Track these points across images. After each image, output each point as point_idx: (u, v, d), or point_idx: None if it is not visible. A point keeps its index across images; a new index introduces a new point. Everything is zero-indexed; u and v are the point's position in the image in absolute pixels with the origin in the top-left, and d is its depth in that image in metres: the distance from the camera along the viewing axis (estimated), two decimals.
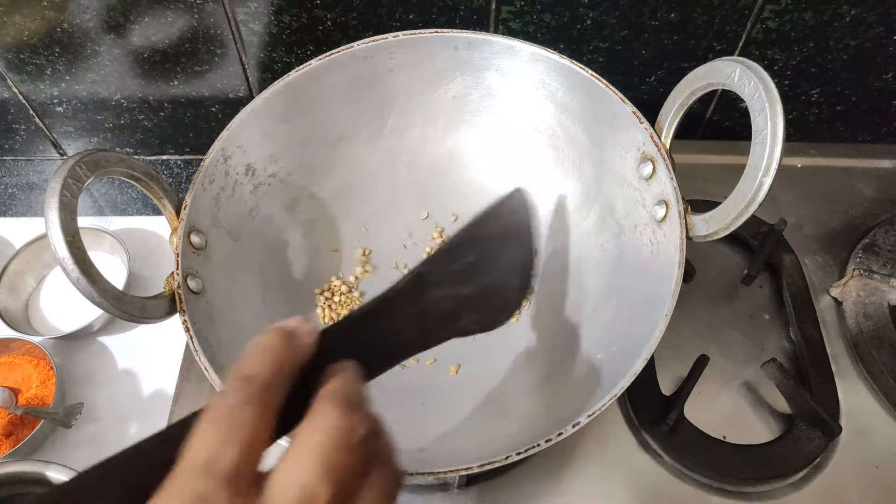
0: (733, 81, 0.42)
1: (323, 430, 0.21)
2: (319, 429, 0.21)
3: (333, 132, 0.55)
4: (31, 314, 0.61)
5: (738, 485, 0.49)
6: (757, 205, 0.40)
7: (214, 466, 0.20)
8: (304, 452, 0.21)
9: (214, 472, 0.20)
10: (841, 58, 0.60)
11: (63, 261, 0.37)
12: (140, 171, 0.43)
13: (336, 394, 0.22)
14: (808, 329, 0.55)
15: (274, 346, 0.23)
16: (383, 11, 0.56)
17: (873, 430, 0.51)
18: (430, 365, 0.52)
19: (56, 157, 0.72)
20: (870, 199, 0.64)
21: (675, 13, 0.56)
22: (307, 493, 0.20)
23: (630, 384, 0.39)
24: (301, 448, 0.21)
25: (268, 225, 0.53)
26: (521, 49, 0.51)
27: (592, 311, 0.50)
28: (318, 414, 0.22)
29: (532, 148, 0.56)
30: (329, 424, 0.21)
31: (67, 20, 0.56)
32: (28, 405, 0.53)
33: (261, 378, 0.22)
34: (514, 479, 0.50)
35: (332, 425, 0.21)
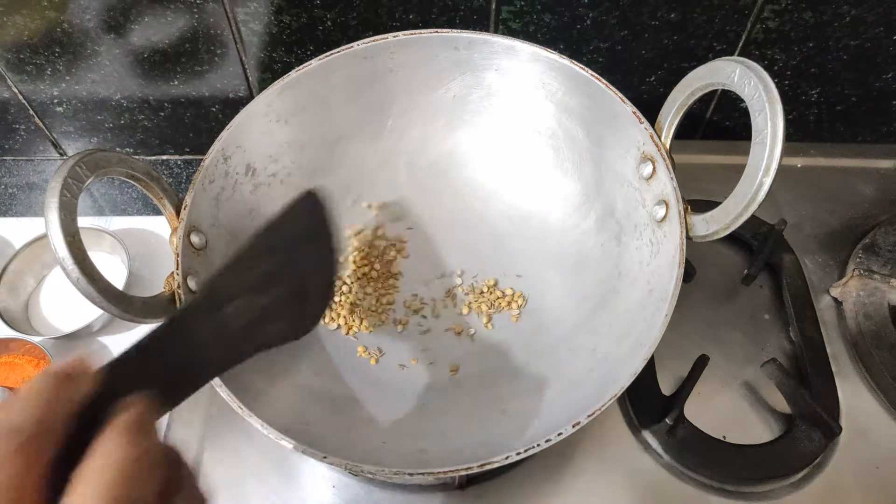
0: (733, 81, 0.42)
1: (105, 463, 0.20)
2: (102, 462, 0.20)
3: (333, 132, 0.55)
4: (31, 314, 0.60)
5: (738, 485, 0.49)
6: (757, 205, 0.40)
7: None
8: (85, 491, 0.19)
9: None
10: (841, 58, 0.60)
11: (63, 261, 0.37)
12: (140, 171, 0.43)
13: (120, 425, 0.21)
14: (808, 329, 0.55)
15: (43, 391, 0.21)
16: (383, 11, 0.56)
17: (873, 430, 0.51)
18: (430, 365, 0.52)
19: (56, 157, 0.72)
20: (870, 199, 0.64)
21: (675, 13, 0.56)
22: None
23: (630, 384, 0.39)
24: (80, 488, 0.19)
25: None
26: (521, 49, 0.51)
27: (592, 310, 0.50)
28: (100, 447, 0.20)
29: (532, 148, 0.56)
30: (112, 456, 0.20)
31: (67, 20, 0.56)
32: None
33: (26, 426, 0.20)
34: (514, 479, 0.50)
35: (115, 457, 0.20)
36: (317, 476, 0.50)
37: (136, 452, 0.20)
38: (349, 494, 0.50)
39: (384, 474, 0.38)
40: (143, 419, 0.22)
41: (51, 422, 0.20)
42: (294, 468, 0.51)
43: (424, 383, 0.51)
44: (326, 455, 0.38)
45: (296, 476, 0.50)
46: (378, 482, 0.50)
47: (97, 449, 0.20)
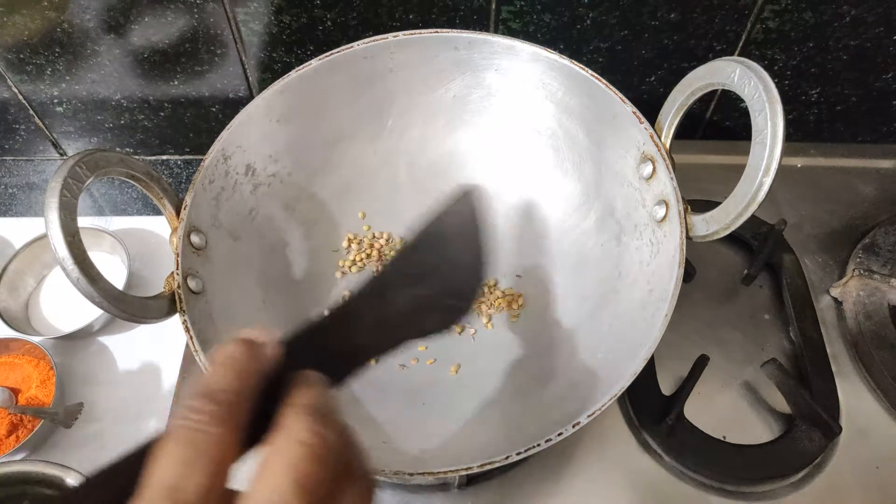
0: (733, 81, 0.42)
1: (294, 444, 0.20)
2: (290, 443, 0.20)
3: (333, 132, 0.55)
4: (31, 314, 0.60)
5: (738, 485, 0.49)
6: (757, 205, 0.40)
7: (180, 491, 0.19)
8: (275, 469, 0.20)
9: (179, 497, 0.19)
10: (841, 58, 0.60)
11: (63, 261, 0.37)
12: (140, 171, 0.43)
13: (305, 405, 0.22)
14: (808, 329, 0.55)
15: (238, 359, 0.22)
16: (383, 11, 0.56)
17: (873, 430, 0.51)
18: (430, 365, 0.52)
19: (56, 157, 0.72)
20: (870, 199, 0.64)
21: (675, 13, 0.56)
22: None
23: (630, 384, 0.39)
24: (272, 464, 0.20)
25: (268, 225, 0.53)
26: (521, 49, 0.51)
27: (592, 310, 0.50)
28: (287, 427, 0.21)
29: (532, 148, 0.56)
30: (300, 438, 0.21)
31: (67, 20, 0.56)
32: (28, 405, 0.53)
33: (226, 395, 0.21)
34: (514, 479, 0.50)
35: (303, 439, 0.20)
36: None
37: (320, 433, 0.21)
38: None
39: (384, 474, 0.38)
40: (326, 399, 0.22)
41: (245, 387, 0.21)
42: None
43: (424, 383, 0.51)
44: None
45: None
46: (378, 482, 0.50)
47: (286, 425, 0.21)
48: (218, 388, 0.21)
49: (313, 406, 0.22)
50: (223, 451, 0.20)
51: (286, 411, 0.21)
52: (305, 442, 0.20)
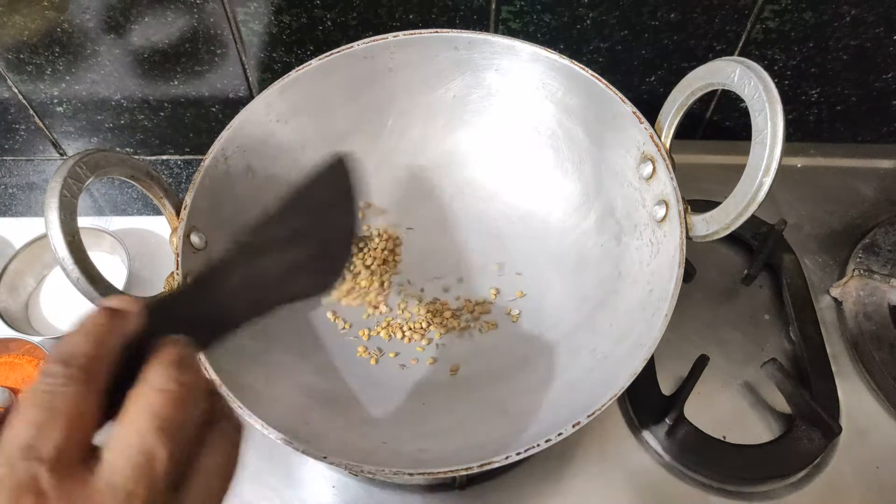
0: (733, 81, 0.42)
1: (152, 391, 0.21)
2: (149, 389, 0.21)
3: (333, 132, 0.55)
4: (31, 314, 0.60)
5: (738, 485, 0.49)
6: (757, 205, 0.40)
7: (34, 450, 0.19)
8: (136, 415, 0.21)
9: (35, 456, 0.19)
10: (841, 58, 0.60)
11: (63, 261, 0.37)
12: (140, 171, 0.43)
13: (164, 357, 0.22)
14: (808, 329, 0.55)
15: (94, 326, 0.22)
16: (383, 11, 0.56)
17: (873, 430, 0.51)
18: (430, 365, 0.52)
19: (56, 157, 0.72)
20: (870, 199, 0.64)
21: (675, 13, 0.56)
22: (144, 454, 0.20)
23: (630, 384, 0.39)
24: (132, 411, 0.21)
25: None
26: (521, 49, 0.51)
27: (592, 310, 0.50)
28: (146, 377, 0.22)
29: (532, 148, 0.56)
30: (158, 385, 0.22)
31: (67, 20, 0.56)
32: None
33: (80, 357, 0.21)
34: (514, 479, 0.50)
35: (161, 385, 0.21)
36: (317, 476, 0.50)
37: (182, 381, 0.22)
38: (349, 494, 0.50)
39: (384, 474, 0.38)
40: (186, 353, 0.23)
41: (103, 352, 0.22)
42: (294, 468, 0.51)
43: (424, 383, 0.51)
44: (326, 455, 0.38)
45: (296, 476, 0.50)
46: (378, 482, 0.50)
47: (146, 377, 0.22)
48: (73, 353, 0.21)
49: (172, 358, 0.23)
50: (80, 410, 0.21)
51: (146, 366, 0.22)
52: (163, 387, 0.21)
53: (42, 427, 0.20)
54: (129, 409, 0.21)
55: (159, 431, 0.20)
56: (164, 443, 0.20)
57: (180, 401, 0.21)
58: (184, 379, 0.22)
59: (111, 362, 0.22)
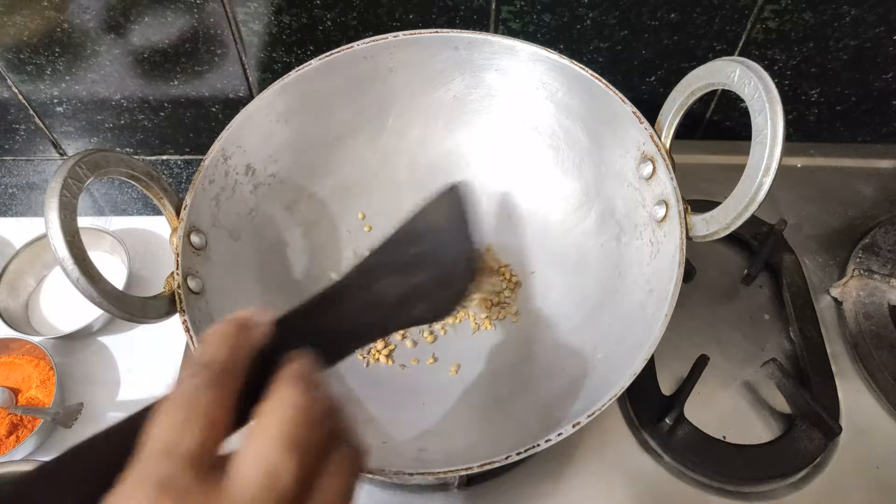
0: (733, 81, 0.42)
1: (284, 407, 0.22)
2: (280, 406, 0.22)
3: (333, 132, 0.55)
4: (31, 314, 0.60)
5: (738, 485, 0.49)
6: (757, 205, 0.40)
7: (176, 449, 0.20)
8: (266, 429, 0.21)
9: (176, 455, 0.20)
10: (841, 58, 0.60)
11: (63, 261, 0.37)
12: (140, 171, 0.43)
13: (294, 374, 0.23)
14: (808, 329, 0.55)
15: (229, 334, 0.23)
16: (383, 11, 0.56)
17: (873, 430, 0.51)
18: (430, 365, 0.52)
19: (56, 157, 0.72)
20: (870, 199, 0.64)
21: (675, 13, 0.56)
22: (271, 469, 0.20)
23: (630, 384, 0.39)
24: (263, 425, 0.21)
25: (268, 225, 0.53)
26: (521, 49, 0.51)
27: (592, 310, 0.50)
28: (278, 392, 0.22)
29: (532, 148, 0.56)
30: (289, 402, 0.22)
31: (67, 20, 0.56)
32: (28, 405, 0.53)
33: (217, 364, 0.22)
34: (514, 479, 0.50)
35: (292, 402, 0.22)
36: None
37: (309, 399, 0.22)
38: None
39: (384, 474, 0.38)
40: (313, 371, 0.23)
41: (238, 360, 0.23)
42: None
43: (424, 383, 0.51)
44: None
45: None
46: (378, 482, 0.50)
47: (276, 392, 0.22)
48: (209, 358, 0.22)
49: (301, 375, 0.23)
50: (216, 414, 0.21)
51: (277, 380, 0.23)
52: (295, 404, 0.22)
53: (183, 426, 0.20)
54: (261, 421, 0.21)
55: (289, 447, 0.21)
56: (292, 459, 0.21)
57: (310, 418, 0.22)
58: (314, 396, 0.22)
59: (245, 369, 0.23)
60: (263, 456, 0.20)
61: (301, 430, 0.21)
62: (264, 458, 0.20)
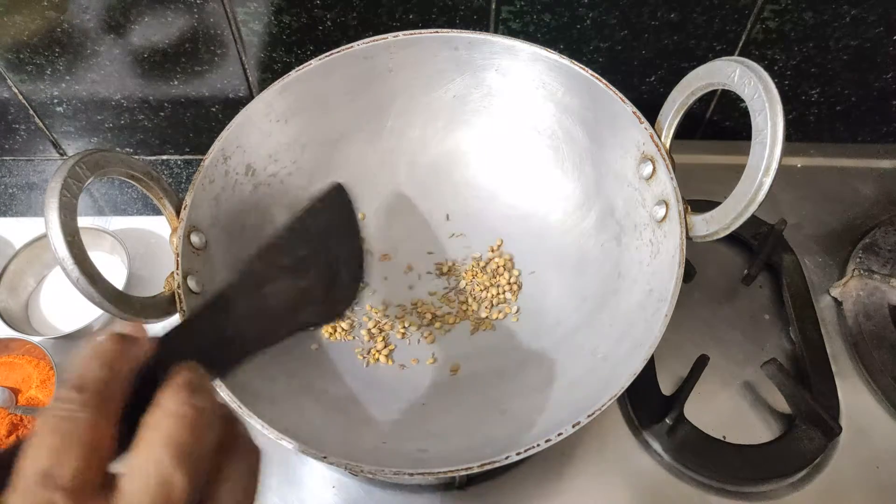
0: (733, 81, 0.42)
1: (168, 417, 0.21)
2: (164, 417, 0.21)
3: (333, 132, 0.55)
4: (31, 314, 0.60)
5: (738, 485, 0.49)
6: (757, 205, 0.40)
7: (51, 477, 0.19)
8: (151, 442, 0.20)
9: (52, 483, 0.19)
10: (841, 58, 0.60)
11: (63, 261, 0.37)
12: (140, 171, 0.43)
13: (178, 383, 0.22)
14: (808, 329, 0.55)
15: (106, 351, 0.22)
16: (383, 11, 0.56)
17: (873, 430, 0.51)
18: (430, 365, 0.52)
19: (56, 157, 0.72)
20: (870, 199, 0.64)
21: (675, 13, 0.56)
22: (162, 482, 0.20)
23: (630, 384, 0.39)
24: (148, 438, 0.21)
25: (268, 225, 0.53)
26: (521, 49, 0.51)
27: (592, 310, 0.50)
28: (161, 402, 0.21)
29: (532, 148, 0.56)
30: (173, 410, 0.21)
31: (67, 20, 0.56)
32: (28, 405, 0.53)
33: (93, 383, 0.21)
34: (514, 479, 0.50)
35: (176, 410, 0.21)
36: (317, 476, 0.50)
37: (196, 406, 0.21)
38: (349, 494, 0.50)
39: (384, 474, 0.38)
40: (199, 378, 0.23)
41: (116, 377, 0.22)
42: (294, 468, 0.51)
43: (424, 383, 0.51)
44: (326, 455, 0.38)
45: (296, 476, 0.50)
46: (378, 482, 0.50)
47: (160, 403, 0.22)
48: (85, 379, 0.21)
49: (186, 383, 0.22)
50: (96, 436, 0.20)
51: (159, 391, 0.22)
52: (178, 413, 0.21)
53: (59, 454, 0.19)
54: (143, 435, 0.21)
55: (176, 458, 0.20)
56: (181, 470, 0.20)
57: (196, 426, 0.21)
58: (198, 403, 0.22)
59: (125, 388, 0.22)
60: (152, 471, 0.20)
61: (186, 438, 0.21)
62: (153, 473, 0.20)
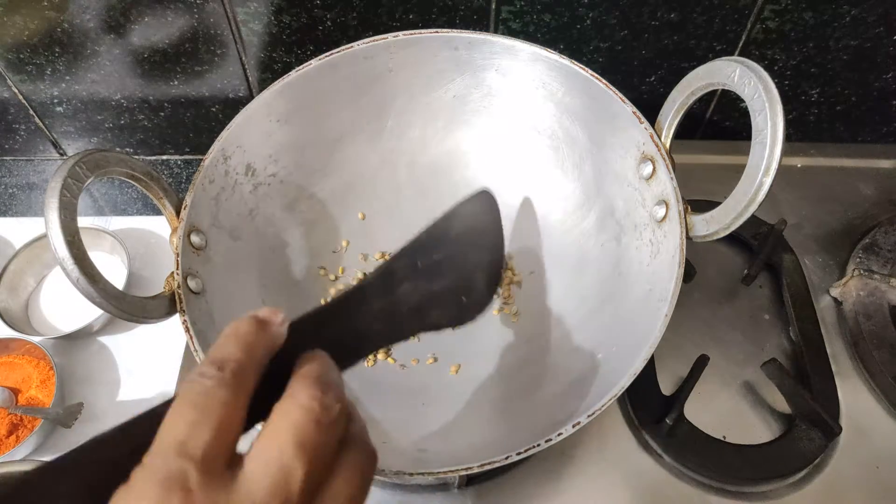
0: (733, 81, 0.42)
1: (297, 409, 0.22)
2: (293, 407, 0.22)
3: (333, 132, 0.55)
4: (31, 314, 0.60)
5: (738, 485, 0.49)
6: (757, 205, 0.40)
7: (186, 448, 0.20)
8: (278, 430, 0.21)
9: (186, 454, 0.20)
10: (841, 58, 0.60)
11: (63, 261, 0.37)
12: (140, 171, 0.43)
13: (310, 375, 0.23)
14: (808, 329, 0.55)
15: (245, 333, 0.23)
16: (383, 11, 0.56)
17: (873, 430, 0.51)
18: (430, 365, 0.52)
19: (56, 157, 0.72)
20: (870, 199, 0.64)
21: (675, 13, 0.56)
22: (282, 470, 0.20)
23: (630, 384, 0.39)
24: (276, 426, 0.21)
25: (268, 225, 0.53)
26: (521, 49, 0.51)
27: (592, 310, 0.50)
28: (292, 393, 0.22)
29: (532, 148, 0.56)
30: (303, 403, 0.22)
31: (67, 20, 0.56)
32: (28, 405, 0.53)
33: (232, 362, 0.22)
34: (514, 479, 0.50)
35: (306, 404, 0.22)
36: None
37: (322, 401, 0.22)
38: None
39: (384, 474, 0.38)
40: (330, 373, 0.23)
41: (253, 359, 0.22)
42: None
43: (424, 383, 0.51)
44: None
45: None
46: (378, 482, 0.50)
47: (292, 391, 0.22)
48: (223, 357, 0.22)
49: (317, 376, 0.23)
50: (229, 414, 0.21)
51: (292, 381, 0.23)
52: (308, 406, 0.22)
53: (195, 426, 0.20)
54: (273, 421, 0.21)
55: (300, 449, 0.21)
56: (303, 461, 0.21)
57: (322, 421, 0.21)
58: (327, 399, 0.22)
59: (259, 371, 0.23)
60: (274, 458, 0.20)
61: (313, 433, 0.21)
62: (275, 459, 0.20)
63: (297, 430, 0.21)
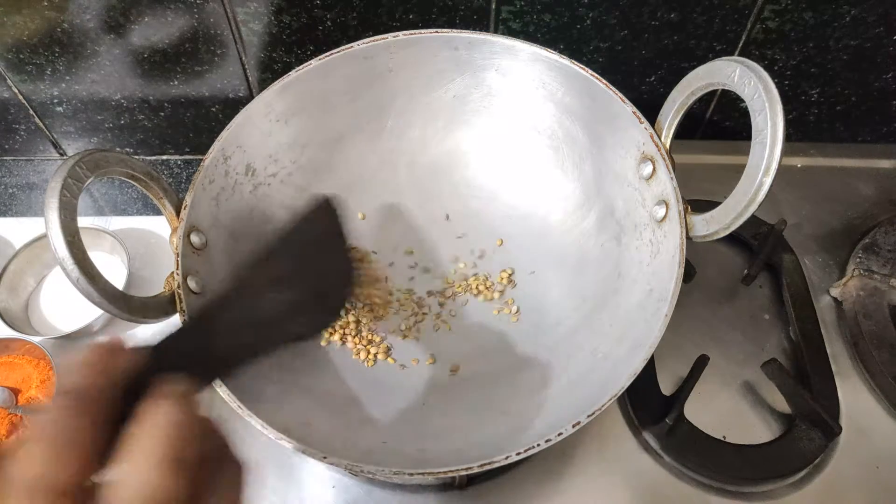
0: (733, 81, 0.42)
1: (158, 427, 0.21)
2: (154, 426, 0.21)
3: (333, 132, 0.55)
4: (31, 314, 0.60)
5: (738, 485, 0.49)
6: (757, 205, 0.40)
7: (42, 484, 0.19)
8: (142, 450, 0.21)
9: (42, 490, 0.19)
10: (841, 58, 0.60)
11: (63, 261, 0.37)
12: (140, 171, 0.43)
13: (165, 394, 0.22)
14: (808, 329, 0.55)
15: (95, 361, 0.22)
16: (383, 11, 0.56)
17: (873, 430, 0.51)
18: (430, 365, 0.52)
19: (56, 157, 0.72)
20: (870, 199, 0.64)
21: (675, 13, 0.56)
22: (152, 489, 0.20)
23: (630, 384, 0.39)
24: (138, 446, 0.21)
25: (268, 225, 0.53)
26: (521, 49, 0.51)
27: (592, 310, 0.50)
28: (149, 413, 0.22)
29: (532, 148, 0.56)
30: (163, 420, 0.21)
31: (67, 20, 0.56)
32: (28, 405, 0.53)
33: (82, 391, 0.21)
34: (514, 479, 0.50)
35: (166, 421, 0.21)
36: (317, 476, 0.50)
37: (180, 418, 0.22)
38: (349, 494, 0.50)
39: (384, 474, 0.38)
40: (185, 391, 0.23)
41: (101, 386, 0.22)
42: (294, 468, 0.51)
43: (424, 383, 0.51)
44: (326, 455, 0.38)
45: (296, 476, 0.50)
46: (378, 482, 0.50)
47: (145, 413, 0.22)
48: (73, 387, 0.21)
49: (168, 396, 0.22)
50: (85, 444, 0.20)
51: (147, 402, 0.22)
52: (169, 423, 0.21)
53: (49, 460, 0.19)
54: (136, 442, 0.21)
55: (167, 465, 0.20)
56: (172, 477, 0.20)
57: (178, 437, 0.21)
58: (180, 417, 0.22)
59: (114, 397, 0.22)
60: (142, 477, 0.20)
61: (178, 448, 0.21)
62: (143, 479, 0.20)
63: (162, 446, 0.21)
